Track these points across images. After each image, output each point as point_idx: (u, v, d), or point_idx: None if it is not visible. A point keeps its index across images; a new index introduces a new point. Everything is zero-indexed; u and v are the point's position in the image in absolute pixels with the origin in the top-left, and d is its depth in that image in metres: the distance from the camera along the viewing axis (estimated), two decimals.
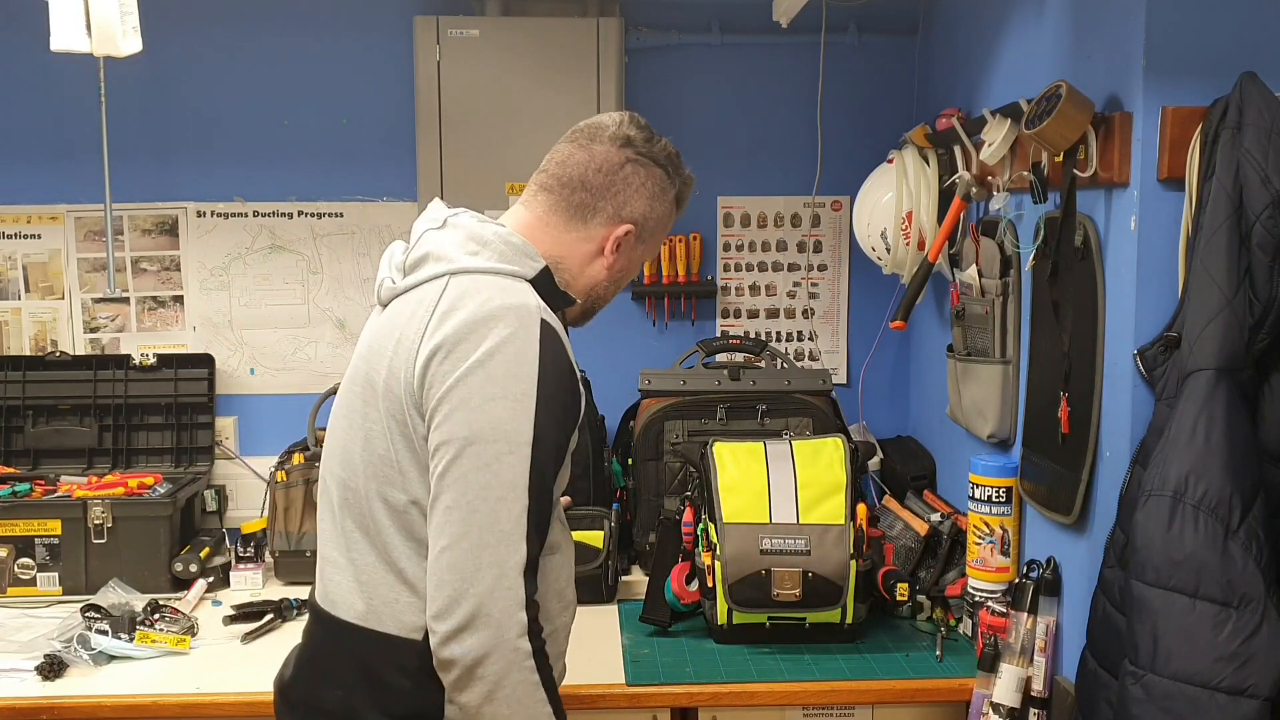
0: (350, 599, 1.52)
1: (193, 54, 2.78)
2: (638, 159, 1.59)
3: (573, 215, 1.58)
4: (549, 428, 1.41)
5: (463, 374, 1.39)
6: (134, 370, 2.78)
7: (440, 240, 1.53)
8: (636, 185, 1.59)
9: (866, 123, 2.85)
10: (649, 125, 1.63)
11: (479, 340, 1.40)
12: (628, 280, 1.69)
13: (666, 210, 1.64)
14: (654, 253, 1.78)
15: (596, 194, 1.57)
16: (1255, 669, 1.45)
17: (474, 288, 1.45)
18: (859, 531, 2.14)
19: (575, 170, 1.58)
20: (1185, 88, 1.64)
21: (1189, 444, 1.52)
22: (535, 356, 1.40)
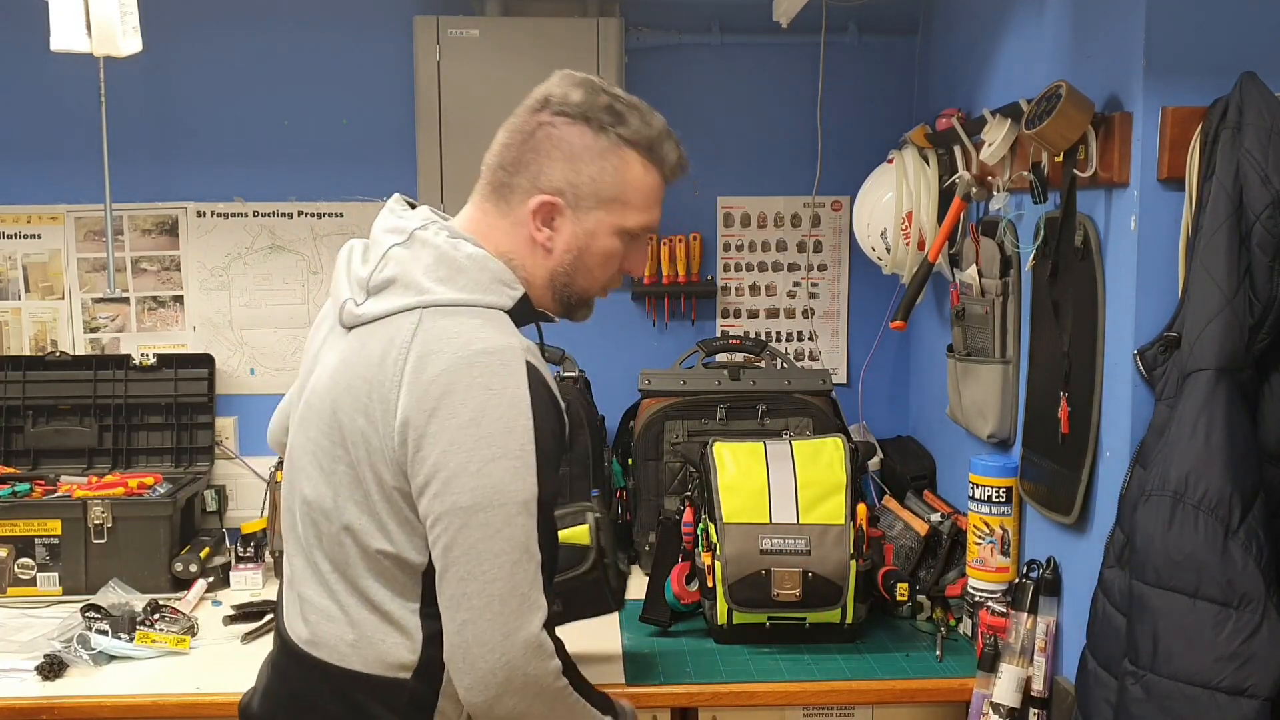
0: (334, 641, 1.44)
1: (193, 54, 2.78)
2: (551, 120, 1.41)
3: (499, 200, 1.45)
4: (550, 475, 1.35)
5: (455, 436, 1.31)
6: (134, 370, 2.78)
7: (408, 262, 1.40)
8: (549, 149, 1.41)
9: (866, 123, 2.85)
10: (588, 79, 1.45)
11: (466, 395, 1.31)
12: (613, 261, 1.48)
13: (606, 168, 1.42)
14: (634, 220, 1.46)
15: (511, 170, 1.43)
16: (1255, 669, 1.45)
17: (451, 329, 1.35)
18: (859, 531, 2.14)
19: (495, 150, 1.47)
20: (1185, 88, 1.64)
21: (1189, 444, 1.52)
22: (528, 406, 1.32)
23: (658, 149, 1.45)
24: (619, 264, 1.50)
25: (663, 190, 1.49)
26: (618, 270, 1.51)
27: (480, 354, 1.33)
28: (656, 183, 1.48)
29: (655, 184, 1.47)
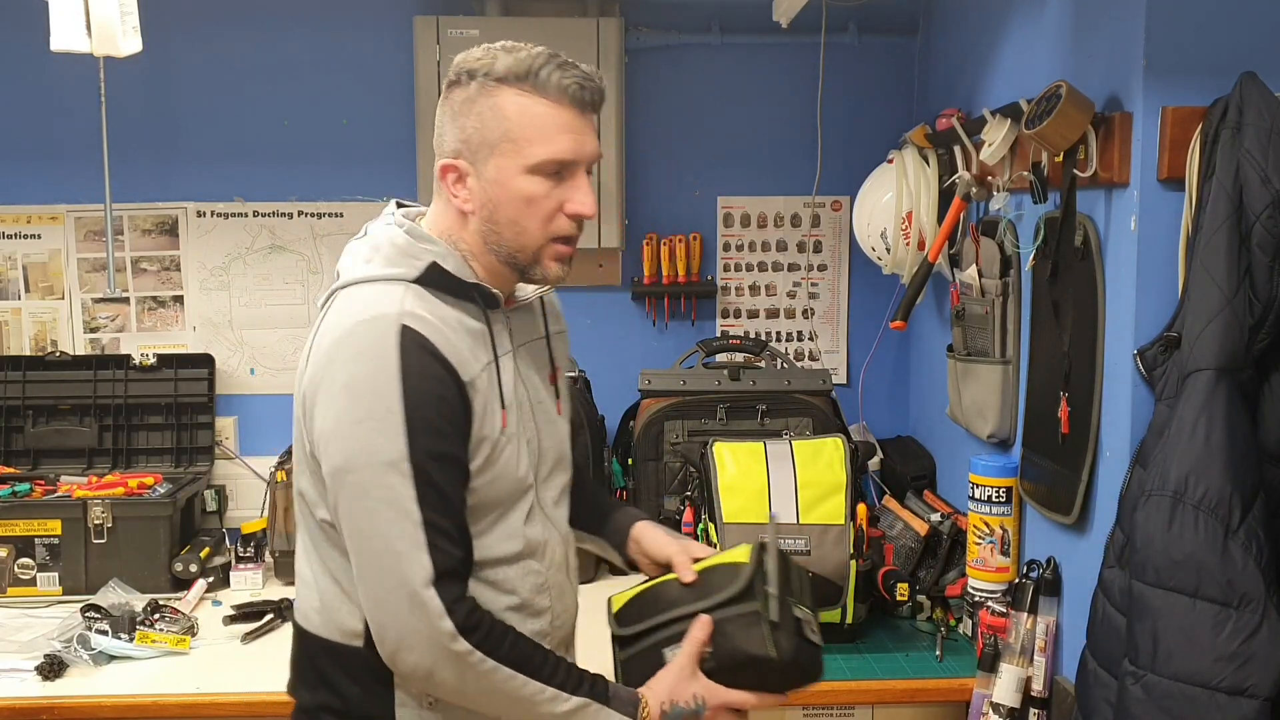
0: (304, 606, 1.53)
1: (193, 54, 2.78)
2: (445, 93, 1.44)
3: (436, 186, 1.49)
4: (426, 435, 1.35)
5: (329, 401, 1.37)
6: (134, 370, 2.78)
7: (350, 251, 1.49)
8: (441, 119, 1.44)
9: (866, 123, 2.85)
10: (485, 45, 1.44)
11: (341, 363, 1.37)
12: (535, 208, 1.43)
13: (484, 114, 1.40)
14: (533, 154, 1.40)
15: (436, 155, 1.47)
16: (1255, 669, 1.45)
17: (346, 305, 1.42)
18: (859, 531, 2.14)
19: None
20: (1185, 88, 1.64)
21: (1189, 444, 1.52)
22: (396, 367, 1.34)
23: (532, 77, 1.40)
24: (550, 207, 1.45)
25: (563, 116, 1.42)
26: (553, 213, 1.45)
27: (359, 324, 1.38)
28: (545, 110, 1.41)
29: (544, 111, 1.41)
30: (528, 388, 1.54)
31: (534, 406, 1.55)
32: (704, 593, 1.52)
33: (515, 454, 1.47)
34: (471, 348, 1.43)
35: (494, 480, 1.45)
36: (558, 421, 1.62)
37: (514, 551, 1.48)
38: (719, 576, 1.53)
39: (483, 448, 1.42)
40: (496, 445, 1.44)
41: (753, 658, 1.46)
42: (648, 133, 2.87)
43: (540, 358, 1.60)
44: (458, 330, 1.42)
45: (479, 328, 1.45)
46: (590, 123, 1.45)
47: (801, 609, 1.53)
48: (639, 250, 2.88)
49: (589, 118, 1.45)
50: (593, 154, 1.46)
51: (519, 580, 1.49)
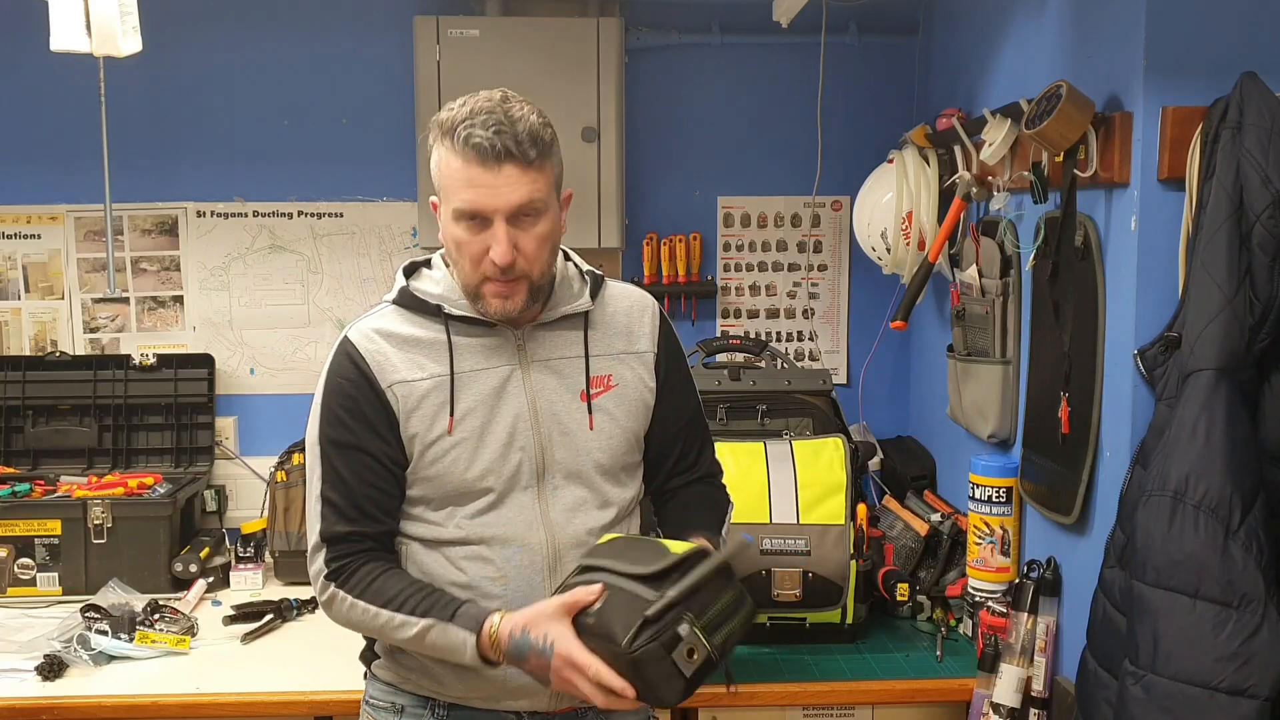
0: None
1: (193, 54, 2.78)
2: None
3: None
4: (330, 426, 1.61)
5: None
6: (134, 370, 2.78)
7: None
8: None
9: (866, 123, 2.85)
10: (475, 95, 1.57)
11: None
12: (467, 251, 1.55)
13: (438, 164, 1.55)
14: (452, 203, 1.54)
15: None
16: (1255, 669, 1.45)
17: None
18: (859, 532, 2.14)
19: None
20: (1185, 88, 1.64)
21: (1189, 444, 1.52)
22: (327, 369, 1.63)
23: (454, 132, 1.51)
24: (476, 250, 1.54)
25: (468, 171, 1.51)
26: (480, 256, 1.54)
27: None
28: (457, 164, 1.52)
29: (457, 165, 1.52)
30: (536, 400, 1.62)
31: (540, 418, 1.62)
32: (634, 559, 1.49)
33: (468, 456, 1.60)
34: (418, 359, 1.61)
35: (439, 476, 1.60)
36: (584, 435, 1.64)
37: (461, 538, 1.61)
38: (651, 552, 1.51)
39: (415, 445, 1.60)
40: (439, 445, 1.59)
41: (609, 634, 1.43)
42: (648, 133, 2.87)
43: (570, 374, 1.65)
44: (408, 343, 1.61)
45: (436, 339, 1.62)
46: (502, 176, 1.51)
47: (697, 631, 1.44)
48: (639, 250, 2.88)
49: (500, 170, 1.50)
50: (502, 206, 1.52)
51: (469, 564, 1.61)
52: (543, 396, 1.62)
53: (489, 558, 1.61)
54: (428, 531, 1.63)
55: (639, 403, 1.69)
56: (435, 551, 1.62)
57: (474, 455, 1.60)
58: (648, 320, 1.73)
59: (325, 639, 2.21)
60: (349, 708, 1.84)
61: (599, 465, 1.66)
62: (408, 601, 1.56)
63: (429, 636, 1.53)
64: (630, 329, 1.71)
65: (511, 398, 1.61)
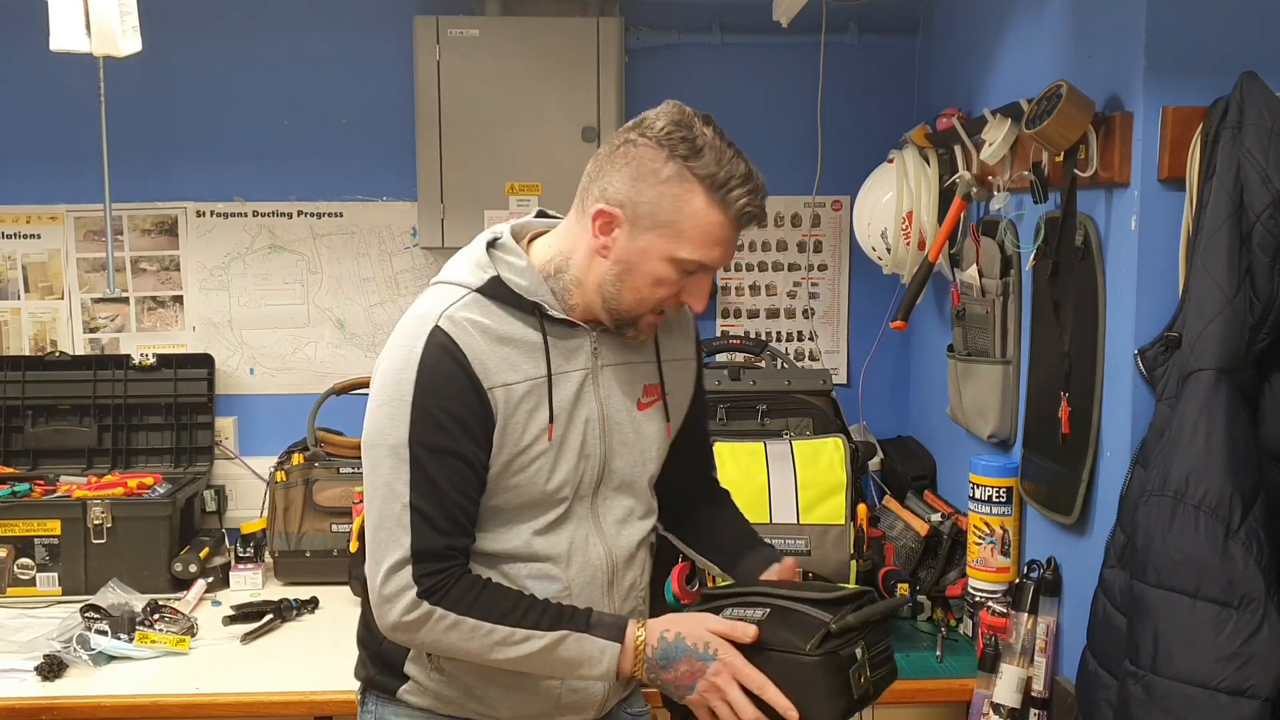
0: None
1: (193, 54, 2.77)
2: (635, 139, 1.46)
3: (577, 205, 1.53)
4: (426, 428, 1.45)
5: (373, 381, 1.51)
6: (134, 370, 2.78)
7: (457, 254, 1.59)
8: (621, 164, 1.46)
9: (866, 123, 2.85)
10: (692, 113, 1.47)
11: (386, 351, 1.51)
12: (659, 289, 1.49)
13: (665, 193, 1.44)
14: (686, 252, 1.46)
15: (592, 178, 1.51)
16: (1256, 669, 1.45)
17: (416, 303, 1.55)
18: (859, 532, 2.14)
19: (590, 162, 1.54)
20: (1185, 87, 1.64)
21: (1189, 444, 1.51)
22: (416, 363, 1.45)
23: (725, 189, 1.45)
24: (671, 292, 1.51)
25: (727, 232, 1.48)
26: (671, 297, 1.52)
27: (410, 318, 1.51)
28: (719, 221, 1.46)
29: (717, 222, 1.46)
30: (605, 407, 1.57)
31: (607, 425, 1.57)
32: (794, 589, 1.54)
33: (550, 465, 1.51)
34: (513, 358, 1.49)
35: (520, 485, 1.51)
36: (643, 446, 1.62)
37: (530, 553, 1.53)
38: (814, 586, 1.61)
39: (505, 452, 1.49)
40: (527, 454, 1.50)
41: (787, 643, 1.44)
42: None
43: (636, 380, 1.61)
44: (503, 340, 1.49)
45: (533, 338, 1.51)
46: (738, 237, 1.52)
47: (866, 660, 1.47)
48: None
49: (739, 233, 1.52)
50: (726, 264, 1.56)
51: (534, 582, 1.53)
52: (610, 403, 1.57)
53: (556, 575, 1.54)
54: (487, 544, 1.52)
55: (681, 410, 1.69)
56: (491, 569, 1.52)
57: (556, 464, 1.52)
58: (690, 321, 1.73)
59: (325, 639, 2.21)
60: (349, 708, 1.83)
61: (651, 476, 1.64)
62: (529, 614, 1.46)
63: (559, 650, 1.46)
64: (679, 330, 1.70)
65: (585, 403, 1.55)
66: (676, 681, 1.47)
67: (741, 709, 1.43)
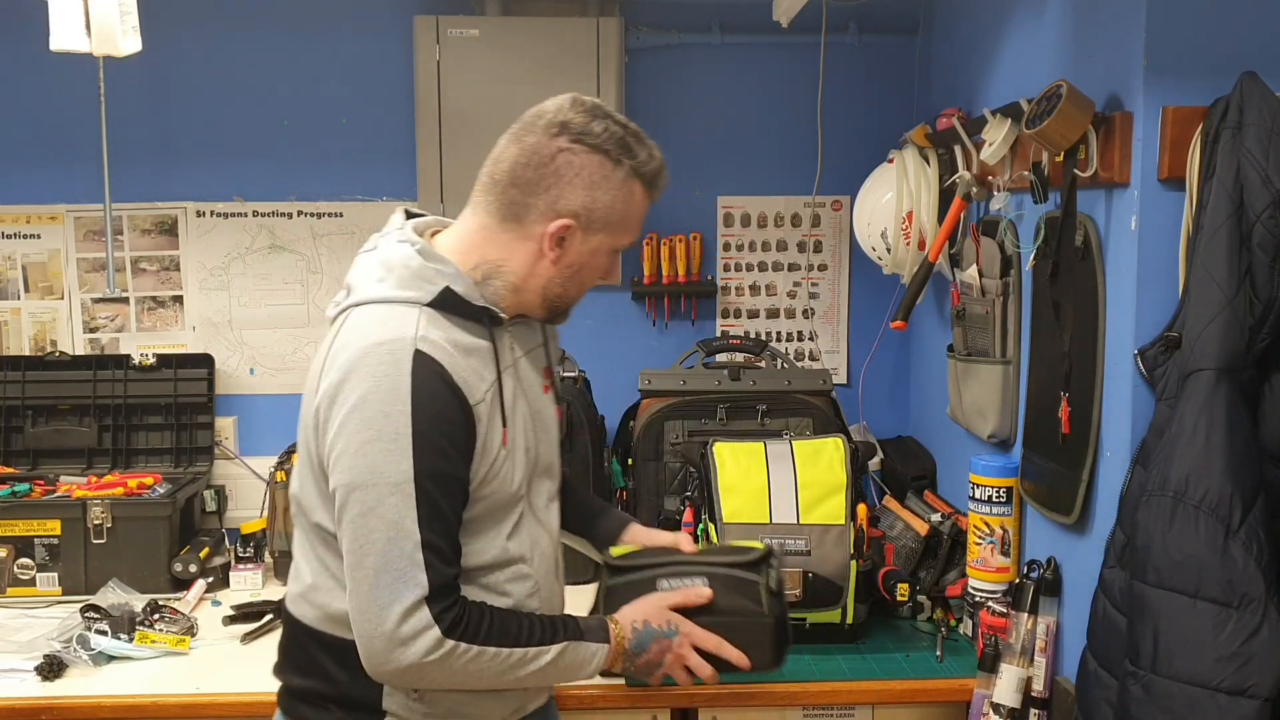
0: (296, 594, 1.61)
1: (193, 54, 2.78)
2: (570, 147, 1.49)
3: (506, 215, 1.52)
4: (431, 458, 1.42)
5: (343, 420, 1.43)
6: (134, 370, 2.78)
7: (361, 267, 1.55)
8: (570, 176, 1.49)
9: (866, 123, 2.85)
10: (598, 106, 1.53)
11: (355, 383, 1.42)
12: (599, 275, 1.59)
13: (618, 197, 1.51)
14: (626, 241, 1.58)
15: (527, 190, 1.50)
16: (1256, 669, 1.45)
17: (361, 323, 1.47)
18: (859, 532, 2.14)
19: (507, 166, 1.51)
20: (1185, 87, 1.64)
21: (1189, 444, 1.51)
22: (407, 391, 1.41)
23: (657, 180, 1.57)
24: (604, 276, 1.62)
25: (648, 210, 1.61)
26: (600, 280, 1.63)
27: (374, 345, 1.43)
28: (648, 205, 1.59)
29: (648, 206, 1.59)
30: (528, 398, 1.60)
31: (533, 416, 1.60)
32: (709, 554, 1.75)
33: (512, 467, 1.53)
34: (477, 368, 1.49)
35: (491, 495, 1.52)
36: (553, 428, 1.68)
37: (507, 558, 1.55)
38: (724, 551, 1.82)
39: (483, 465, 1.49)
40: (496, 461, 1.50)
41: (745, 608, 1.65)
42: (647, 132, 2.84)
43: (539, 364, 1.66)
44: (466, 352, 1.48)
45: (484, 346, 1.52)
46: None
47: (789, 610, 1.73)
48: (639, 250, 2.88)
49: None
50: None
51: (512, 584, 1.55)
52: (530, 393, 1.61)
53: (528, 574, 1.57)
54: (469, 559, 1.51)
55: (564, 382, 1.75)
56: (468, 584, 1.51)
57: (514, 466, 1.54)
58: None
59: None
60: None
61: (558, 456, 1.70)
62: (533, 632, 1.50)
63: (563, 659, 1.51)
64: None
65: (519, 398, 1.57)
66: (649, 663, 1.59)
67: (700, 669, 1.61)
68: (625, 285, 2.90)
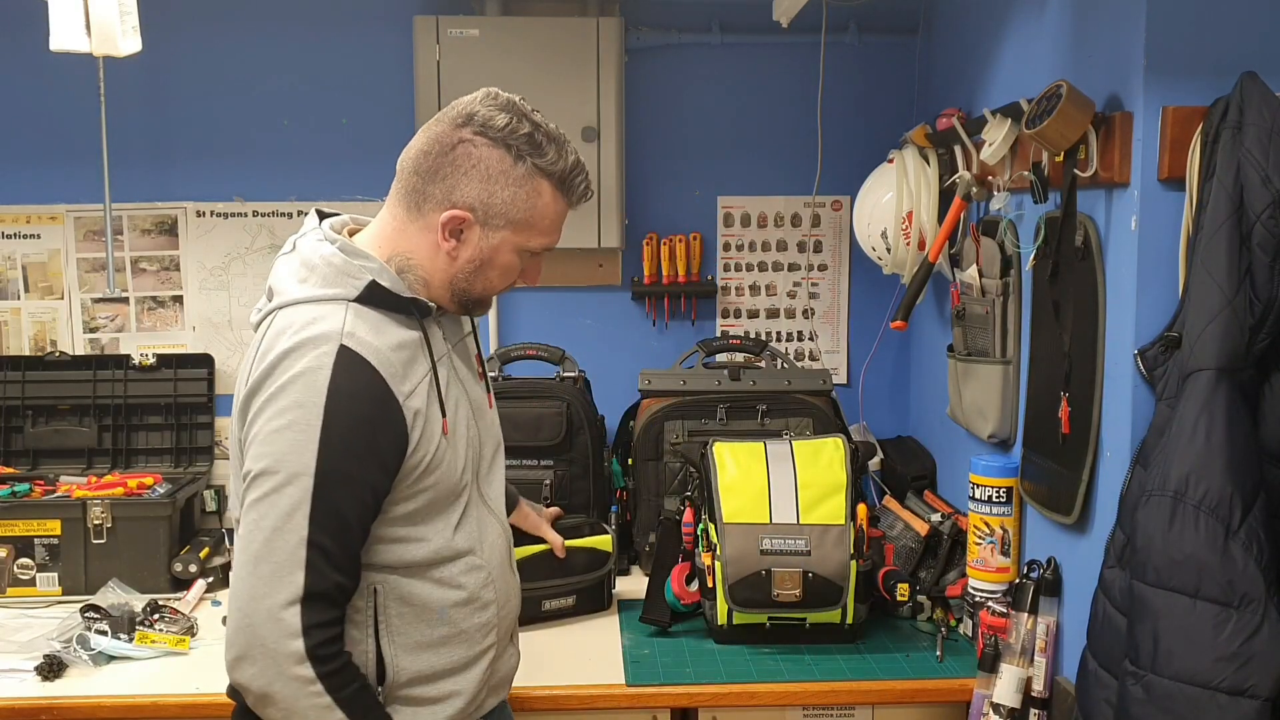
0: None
1: (193, 54, 2.78)
2: (472, 139, 1.48)
3: (410, 205, 1.52)
4: (339, 457, 1.39)
5: (260, 407, 1.42)
6: (133, 370, 2.78)
7: (280, 269, 1.54)
8: (467, 167, 1.48)
9: (866, 123, 2.85)
10: (512, 103, 1.51)
11: (278, 375, 1.41)
12: (511, 274, 1.57)
13: (519, 194, 1.49)
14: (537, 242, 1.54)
15: (427, 178, 1.50)
16: (1256, 669, 1.45)
17: (286, 324, 1.45)
18: (859, 532, 2.14)
19: (413, 154, 1.52)
20: (1185, 87, 1.64)
21: (1189, 444, 1.51)
22: (325, 385, 1.39)
23: (569, 180, 1.54)
24: (515, 276, 1.59)
25: (565, 216, 1.58)
26: (514, 280, 1.60)
27: (299, 341, 1.42)
28: (563, 210, 1.57)
29: (561, 211, 1.56)
30: (465, 387, 1.60)
31: (471, 405, 1.61)
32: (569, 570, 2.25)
33: (455, 457, 1.53)
34: (408, 361, 1.48)
35: (435, 485, 1.51)
36: (491, 416, 1.69)
37: (456, 550, 1.54)
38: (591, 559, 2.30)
39: (423, 459, 1.48)
40: (438, 450, 1.49)
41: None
42: (648, 133, 2.87)
43: (469, 353, 1.67)
44: (396, 346, 1.47)
45: (415, 337, 1.51)
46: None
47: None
48: (639, 250, 2.88)
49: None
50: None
51: (464, 576, 1.55)
52: (466, 382, 1.62)
53: (480, 564, 1.58)
54: (414, 553, 1.50)
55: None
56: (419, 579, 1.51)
57: (455, 454, 1.53)
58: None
59: None
60: None
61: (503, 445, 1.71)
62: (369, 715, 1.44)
63: None
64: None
65: (454, 387, 1.56)
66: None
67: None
68: (625, 285, 2.90)
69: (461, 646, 1.57)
